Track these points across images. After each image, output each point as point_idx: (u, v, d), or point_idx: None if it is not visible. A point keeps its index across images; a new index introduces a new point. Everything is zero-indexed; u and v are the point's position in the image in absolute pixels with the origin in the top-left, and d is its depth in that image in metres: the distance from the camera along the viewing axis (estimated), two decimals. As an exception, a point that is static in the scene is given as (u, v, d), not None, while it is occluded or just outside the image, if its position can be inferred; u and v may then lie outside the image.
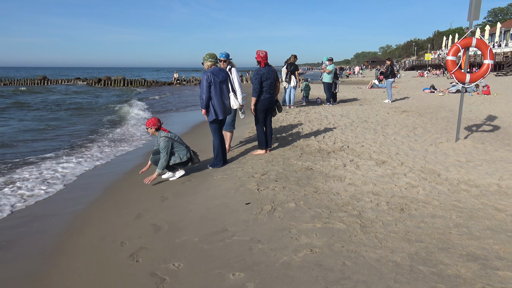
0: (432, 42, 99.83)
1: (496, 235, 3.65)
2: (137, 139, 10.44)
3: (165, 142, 5.75)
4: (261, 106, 6.86)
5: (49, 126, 13.29)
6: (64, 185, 6.22)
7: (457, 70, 7.43)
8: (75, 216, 4.85)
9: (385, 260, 3.15)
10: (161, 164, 5.72)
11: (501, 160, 6.41)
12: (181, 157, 5.93)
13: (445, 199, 4.67)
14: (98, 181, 6.50)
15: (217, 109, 6.22)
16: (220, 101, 6.23)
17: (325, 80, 15.06)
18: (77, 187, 6.19)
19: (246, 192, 4.96)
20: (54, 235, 4.30)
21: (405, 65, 77.97)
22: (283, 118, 11.21)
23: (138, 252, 3.66)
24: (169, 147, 5.77)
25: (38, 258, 3.75)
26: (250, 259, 3.27)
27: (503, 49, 46.42)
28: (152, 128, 5.87)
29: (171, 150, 5.86)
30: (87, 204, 5.32)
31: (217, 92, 6.19)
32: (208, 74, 6.12)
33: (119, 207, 5.07)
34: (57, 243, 4.08)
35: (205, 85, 6.10)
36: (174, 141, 5.87)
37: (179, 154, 5.93)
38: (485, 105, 13.49)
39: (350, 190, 4.99)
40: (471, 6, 7.29)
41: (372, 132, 8.90)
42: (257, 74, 6.72)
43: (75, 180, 6.56)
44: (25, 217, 4.89)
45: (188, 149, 6.06)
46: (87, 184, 6.34)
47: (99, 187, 6.10)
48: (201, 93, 6.20)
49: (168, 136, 5.83)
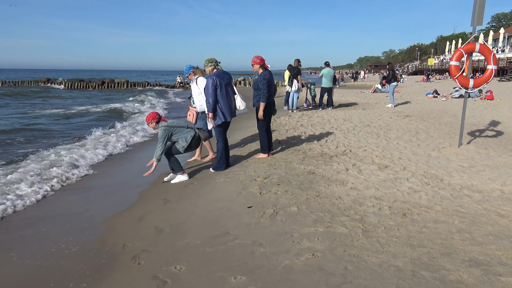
0: (436, 47, 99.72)
1: (499, 241, 3.64)
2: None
3: (162, 132, 5.82)
4: (267, 111, 6.85)
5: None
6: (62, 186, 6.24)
7: (461, 75, 7.43)
8: (76, 218, 4.86)
9: (387, 265, 3.14)
10: (156, 153, 5.80)
11: (504, 166, 6.40)
12: (186, 140, 5.96)
13: (448, 204, 4.66)
14: (100, 183, 6.52)
15: (225, 112, 6.25)
16: (227, 103, 6.26)
17: (322, 85, 15.20)
18: (78, 188, 6.21)
19: (248, 195, 4.96)
20: (54, 237, 4.31)
21: (408, 70, 77.94)
22: (285, 122, 11.22)
23: (140, 255, 3.66)
24: (166, 136, 5.81)
25: (40, 261, 3.76)
26: (252, 263, 3.27)
27: (507, 54, 46.34)
28: (152, 122, 5.93)
29: (174, 138, 5.93)
30: (89, 205, 5.33)
31: (224, 95, 6.21)
32: (213, 78, 6.13)
33: (121, 209, 5.08)
34: (58, 245, 4.08)
35: (211, 89, 6.10)
36: (173, 128, 5.91)
37: (185, 137, 5.97)
38: (488, 110, 13.46)
39: (353, 195, 4.98)
40: (474, 11, 7.30)
41: (374, 136, 8.90)
42: (264, 79, 6.61)
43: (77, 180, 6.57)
44: (26, 220, 4.90)
45: (192, 129, 6.10)
46: (89, 185, 6.36)
47: (100, 189, 6.11)
48: (207, 97, 6.18)
49: (166, 125, 5.88)
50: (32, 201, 5.57)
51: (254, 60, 6.74)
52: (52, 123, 14.97)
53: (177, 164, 6.07)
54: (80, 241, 4.15)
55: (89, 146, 8.98)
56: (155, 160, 5.82)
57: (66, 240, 4.18)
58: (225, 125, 6.40)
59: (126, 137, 10.67)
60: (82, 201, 5.53)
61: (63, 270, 3.51)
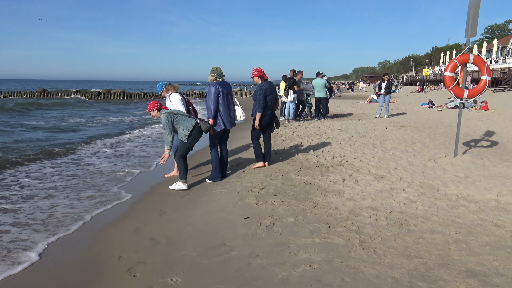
0: (430, 58, 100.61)
1: (495, 251, 3.64)
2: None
3: (165, 118, 5.90)
4: (263, 122, 6.90)
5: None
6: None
7: (455, 86, 7.49)
8: (72, 231, 4.82)
9: (384, 276, 3.13)
10: (166, 139, 5.95)
11: (499, 176, 6.42)
12: (187, 128, 6.00)
13: (444, 215, 4.67)
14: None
15: (224, 120, 6.35)
16: (227, 112, 6.37)
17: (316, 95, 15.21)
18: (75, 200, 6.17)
19: (244, 206, 4.95)
20: (48, 247, 4.27)
21: (404, 80, 78.48)
22: (282, 133, 11.24)
23: (136, 267, 3.64)
24: (169, 122, 5.89)
25: (34, 272, 3.72)
26: (249, 274, 3.25)
27: (501, 65, 46.82)
28: (154, 110, 6.02)
29: (176, 126, 5.99)
30: (85, 217, 5.29)
31: (225, 103, 6.33)
32: (216, 85, 6.26)
33: (117, 220, 5.05)
34: (53, 257, 4.04)
35: (213, 96, 6.23)
36: (174, 115, 5.96)
37: (185, 125, 6.00)
38: (483, 121, 13.56)
39: (349, 205, 4.98)
40: (468, 23, 7.39)
41: (370, 147, 8.93)
42: (261, 89, 6.78)
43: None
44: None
45: (194, 118, 6.14)
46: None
47: (97, 200, 6.07)
48: (208, 103, 6.28)
49: (167, 112, 5.96)
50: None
51: (253, 72, 6.97)
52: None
53: (183, 171, 6.08)
54: (74, 252, 4.11)
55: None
56: (167, 147, 5.94)
57: (60, 250, 4.15)
58: (221, 134, 6.45)
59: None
60: (76, 213, 5.49)
61: (57, 282, 3.48)
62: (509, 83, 35.17)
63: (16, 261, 3.96)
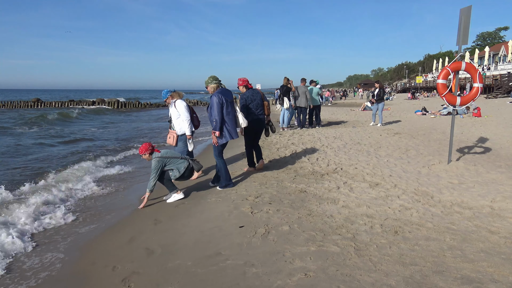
0: (423, 65, 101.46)
1: (490, 258, 3.65)
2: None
3: (156, 163, 5.80)
4: (251, 127, 6.94)
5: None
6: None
7: (448, 93, 7.55)
8: (66, 241, 4.79)
9: (380, 284, 3.13)
10: (149, 183, 5.78)
11: (493, 182, 6.46)
12: (179, 171, 5.94)
13: (439, 222, 4.68)
14: (91, 204, 6.44)
15: (231, 131, 6.14)
16: (233, 122, 6.19)
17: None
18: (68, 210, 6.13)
19: (240, 215, 4.94)
20: (45, 260, 4.23)
21: (397, 88, 79.06)
22: (276, 140, 11.25)
23: (130, 277, 3.61)
24: (159, 168, 5.79)
25: (29, 284, 3.68)
26: (244, 284, 3.24)
27: (492, 72, 47.31)
28: (146, 153, 5.89)
29: (168, 168, 5.91)
30: (79, 227, 5.25)
31: (230, 112, 6.11)
32: (219, 96, 6.01)
33: (112, 230, 5.02)
34: (48, 268, 4.00)
35: (217, 107, 5.95)
36: (166, 159, 5.88)
37: (178, 168, 5.94)
38: (476, 127, 13.66)
39: (344, 213, 4.98)
40: (460, 30, 7.48)
41: (365, 154, 8.95)
42: (242, 99, 7.12)
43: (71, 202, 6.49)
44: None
45: (186, 160, 6.08)
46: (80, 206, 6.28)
47: (90, 211, 6.03)
48: (213, 115, 6.01)
49: (159, 156, 5.86)
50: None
51: (238, 82, 7.23)
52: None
53: (170, 184, 6.04)
54: (68, 263, 4.08)
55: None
56: (148, 191, 5.80)
57: (54, 261, 4.11)
58: (226, 145, 6.35)
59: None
60: (70, 223, 5.45)
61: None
62: (501, 90, 35.51)
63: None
